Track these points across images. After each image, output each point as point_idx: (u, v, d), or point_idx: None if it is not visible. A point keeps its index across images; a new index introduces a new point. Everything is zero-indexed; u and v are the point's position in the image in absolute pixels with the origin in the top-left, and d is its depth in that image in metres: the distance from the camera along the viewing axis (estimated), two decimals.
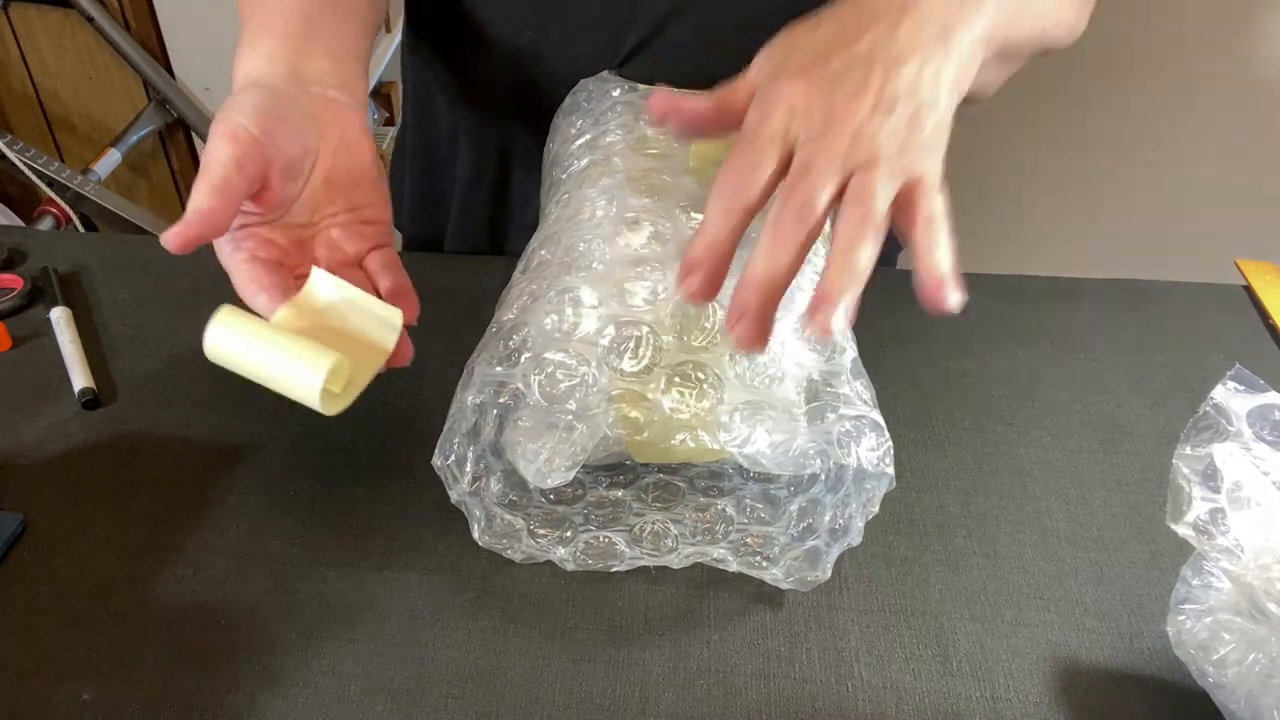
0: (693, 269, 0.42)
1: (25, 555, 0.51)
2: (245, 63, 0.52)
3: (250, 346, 0.45)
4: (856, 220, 0.40)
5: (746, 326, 0.41)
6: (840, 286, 0.40)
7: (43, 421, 0.58)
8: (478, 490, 0.50)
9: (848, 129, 0.40)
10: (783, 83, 0.41)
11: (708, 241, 0.41)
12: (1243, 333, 0.67)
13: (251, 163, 0.46)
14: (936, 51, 0.42)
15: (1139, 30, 1.22)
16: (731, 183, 0.41)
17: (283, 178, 0.48)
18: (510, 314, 0.49)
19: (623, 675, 0.47)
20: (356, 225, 0.52)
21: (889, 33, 0.42)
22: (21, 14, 1.58)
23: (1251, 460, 0.44)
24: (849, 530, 0.47)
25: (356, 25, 0.56)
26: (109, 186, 1.60)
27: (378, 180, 0.53)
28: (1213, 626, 0.43)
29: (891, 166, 0.40)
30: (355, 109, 0.53)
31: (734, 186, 0.41)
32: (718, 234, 0.41)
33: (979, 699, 0.46)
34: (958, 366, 0.64)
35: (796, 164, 0.40)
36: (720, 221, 0.41)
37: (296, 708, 0.45)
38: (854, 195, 0.40)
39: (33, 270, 0.68)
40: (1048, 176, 1.36)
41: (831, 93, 0.41)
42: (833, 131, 0.40)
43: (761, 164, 0.41)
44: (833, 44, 0.42)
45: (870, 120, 0.40)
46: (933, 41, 0.42)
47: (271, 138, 0.46)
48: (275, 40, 0.52)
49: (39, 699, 0.45)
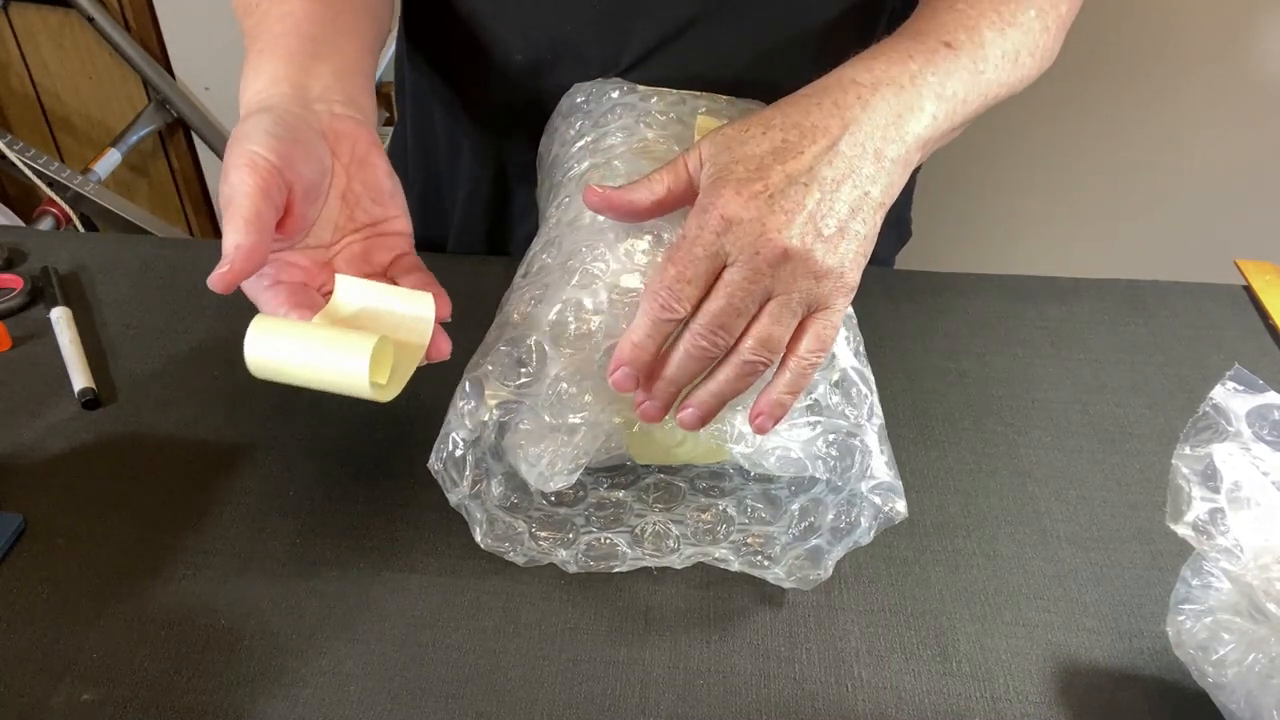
0: (619, 366, 0.45)
1: (25, 555, 0.51)
2: (250, 87, 0.51)
3: (291, 347, 0.44)
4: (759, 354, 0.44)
5: (649, 408, 0.46)
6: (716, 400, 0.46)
7: (43, 421, 0.58)
8: (479, 493, 0.50)
9: (773, 256, 0.43)
10: (723, 194, 0.43)
11: (633, 345, 0.45)
12: (1243, 333, 0.67)
13: (276, 191, 0.45)
14: (871, 172, 0.45)
15: (1139, 30, 1.21)
16: (661, 294, 0.44)
17: (304, 201, 0.47)
18: (512, 319, 0.49)
19: (623, 675, 0.47)
20: (377, 239, 0.51)
21: (828, 151, 0.44)
22: (21, 14, 1.58)
23: (1251, 460, 0.44)
24: (855, 529, 0.47)
25: (360, 44, 0.55)
26: (109, 186, 1.60)
27: (394, 193, 0.52)
28: (1212, 626, 0.43)
29: (804, 295, 0.44)
30: (364, 124, 0.52)
31: (663, 299, 0.44)
32: (643, 341, 0.45)
33: (979, 699, 0.46)
34: (958, 366, 0.64)
35: (723, 283, 0.43)
36: (648, 330, 0.44)
37: (296, 708, 0.45)
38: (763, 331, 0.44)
39: (33, 270, 0.68)
40: (1048, 176, 1.36)
41: (767, 213, 0.43)
42: (761, 256, 0.43)
43: (692, 278, 0.43)
44: (774, 157, 0.44)
45: (799, 247, 0.43)
46: (869, 162, 0.45)
47: (290, 163, 0.46)
48: (278, 62, 0.51)
49: (39, 699, 0.45)
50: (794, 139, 0.44)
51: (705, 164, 0.46)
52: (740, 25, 0.62)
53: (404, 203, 0.52)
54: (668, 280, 0.44)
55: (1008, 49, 0.52)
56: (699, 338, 0.44)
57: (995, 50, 0.51)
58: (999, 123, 1.30)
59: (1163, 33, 1.21)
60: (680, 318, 0.44)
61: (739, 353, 0.45)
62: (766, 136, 0.45)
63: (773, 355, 0.45)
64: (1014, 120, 1.30)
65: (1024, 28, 0.53)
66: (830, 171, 0.44)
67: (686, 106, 0.59)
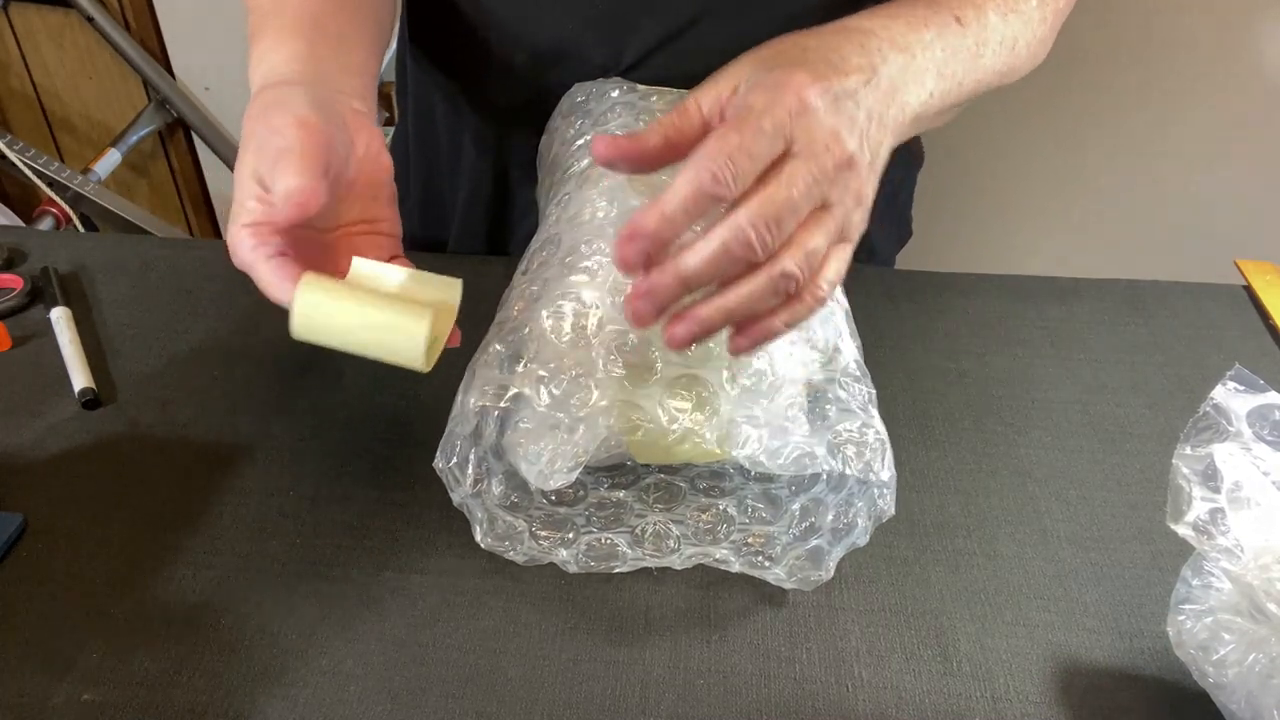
0: (634, 238, 0.38)
1: (25, 555, 0.51)
2: (266, 59, 0.50)
3: (345, 309, 0.43)
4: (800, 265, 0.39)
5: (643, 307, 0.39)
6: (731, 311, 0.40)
7: (43, 421, 0.58)
8: (479, 492, 0.50)
9: (840, 160, 0.39)
10: (797, 75, 0.39)
11: (663, 216, 0.38)
12: (1243, 333, 0.67)
13: (325, 152, 0.45)
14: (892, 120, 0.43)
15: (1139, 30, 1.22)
16: (718, 162, 0.37)
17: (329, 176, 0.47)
18: (512, 315, 0.49)
19: (623, 675, 0.47)
20: (371, 236, 0.52)
21: (868, 84, 0.41)
22: (21, 14, 1.58)
23: (1251, 460, 0.44)
24: (853, 530, 0.47)
25: (370, 46, 0.56)
26: (109, 186, 1.60)
27: (392, 196, 0.52)
28: (1213, 626, 0.43)
29: (845, 215, 0.40)
30: (375, 124, 0.52)
31: (718, 167, 0.37)
32: (675, 214, 0.38)
33: (979, 699, 0.46)
34: (958, 366, 0.64)
35: (786, 173, 0.38)
36: (686, 202, 0.37)
37: (296, 708, 0.45)
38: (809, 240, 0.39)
39: (33, 270, 0.68)
40: (1048, 177, 1.36)
41: (835, 113, 0.39)
42: (830, 154, 0.39)
43: (755, 155, 0.38)
44: (832, 59, 0.41)
45: (858, 161, 0.40)
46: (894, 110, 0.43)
47: (330, 133, 0.46)
48: (300, 42, 0.51)
49: (39, 699, 0.45)
50: (836, 62, 0.41)
51: (744, 83, 0.41)
52: (741, 25, 0.62)
53: (397, 207, 0.53)
54: (728, 149, 0.37)
55: (1007, 35, 0.51)
56: (750, 229, 0.37)
57: (996, 35, 0.50)
58: (999, 122, 1.31)
59: (1163, 33, 1.21)
60: (729, 196, 0.37)
61: (779, 262, 0.38)
62: (808, 54, 0.41)
63: (807, 278, 0.39)
64: (1014, 120, 1.30)
65: (1025, 16, 0.52)
66: (871, 101, 0.41)
67: None
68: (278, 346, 0.64)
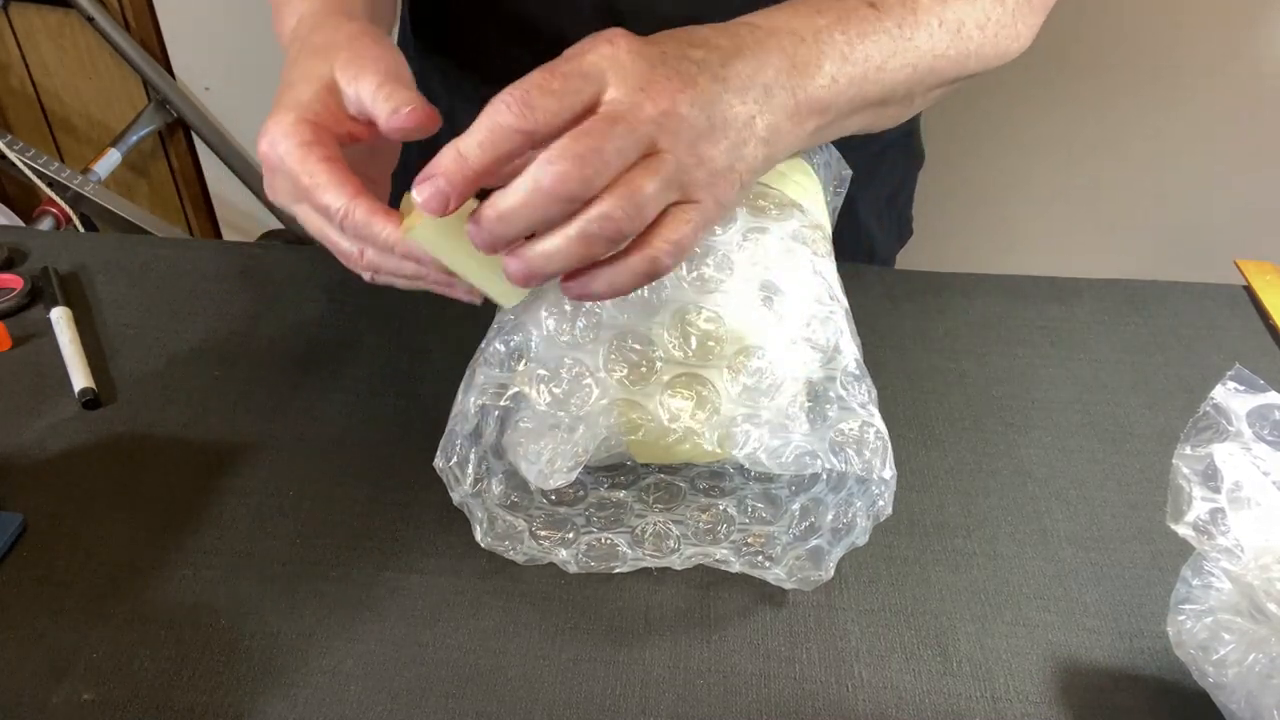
0: (429, 178, 0.37)
1: (25, 555, 0.51)
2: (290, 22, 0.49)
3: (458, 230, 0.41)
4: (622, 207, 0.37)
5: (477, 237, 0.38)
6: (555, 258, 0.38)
7: (43, 421, 0.58)
8: (480, 492, 0.50)
9: (661, 106, 0.37)
10: (617, 32, 0.38)
11: (457, 153, 0.36)
12: (1243, 333, 0.67)
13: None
14: (758, 99, 0.41)
15: (1139, 30, 1.22)
16: (520, 99, 0.35)
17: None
18: (511, 315, 0.49)
19: (623, 675, 0.47)
20: None
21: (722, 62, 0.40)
22: (21, 14, 1.57)
23: (1251, 460, 0.43)
24: (853, 529, 0.47)
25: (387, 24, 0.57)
26: (109, 186, 1.60)
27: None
28: (1213, 626, 0.43)
29: (680, 167, 0.38)
30: None
31: (522, 104, 0.35)
32: (470, 149, 0.36)
33: (979, 699, 0.46)
34: (958, 366, 0.64)
35: (602, 112, 0.37)
36: (481, 136, 0.36)
37: (296, 708, 0.45)
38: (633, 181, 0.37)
39: (33, 270, 0.68)
40: (1048, 176, 1.36)
41: (659, 64, 0.38)
42: (648, 100, 0.37)
43: (566, 93, 0.36)
44: (673, 43, 0.40)
45: (685, 112, 0.38)
46: (757, 90, 0.41)
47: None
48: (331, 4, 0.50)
49: (39, 699, 0.45)
50: (687, 40, 0.40)
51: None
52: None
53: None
54: (536, 88, 0.36)
55: (947, 18, 0.49)
56: (553, 164, 0.35)
57: (931, 18, 0.48)
58: (999, 122, 1.31)
59: (1163, 33, 1.21)
60: (528, 130, 0.36)
61: (599, 205, 0.37)
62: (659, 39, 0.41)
63: (634, 225, 0.38)
64: (1014, 120, 1.30)
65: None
66: (722, 71, 0.40)
67: None
68: (278, 346, 0.64)
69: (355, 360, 0.63)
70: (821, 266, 0.51)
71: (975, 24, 0.51)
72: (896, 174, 0.82)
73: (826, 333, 0.49)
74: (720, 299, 0.47)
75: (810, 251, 0.51)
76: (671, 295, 0.47)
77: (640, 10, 0.62)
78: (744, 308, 0.47)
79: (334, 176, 0.41)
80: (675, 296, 0.47)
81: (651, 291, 0.47)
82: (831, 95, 0.44)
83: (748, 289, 0.48)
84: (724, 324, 0.47)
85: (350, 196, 0.41)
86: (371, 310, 0.67)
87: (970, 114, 1.28)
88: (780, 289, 0.48)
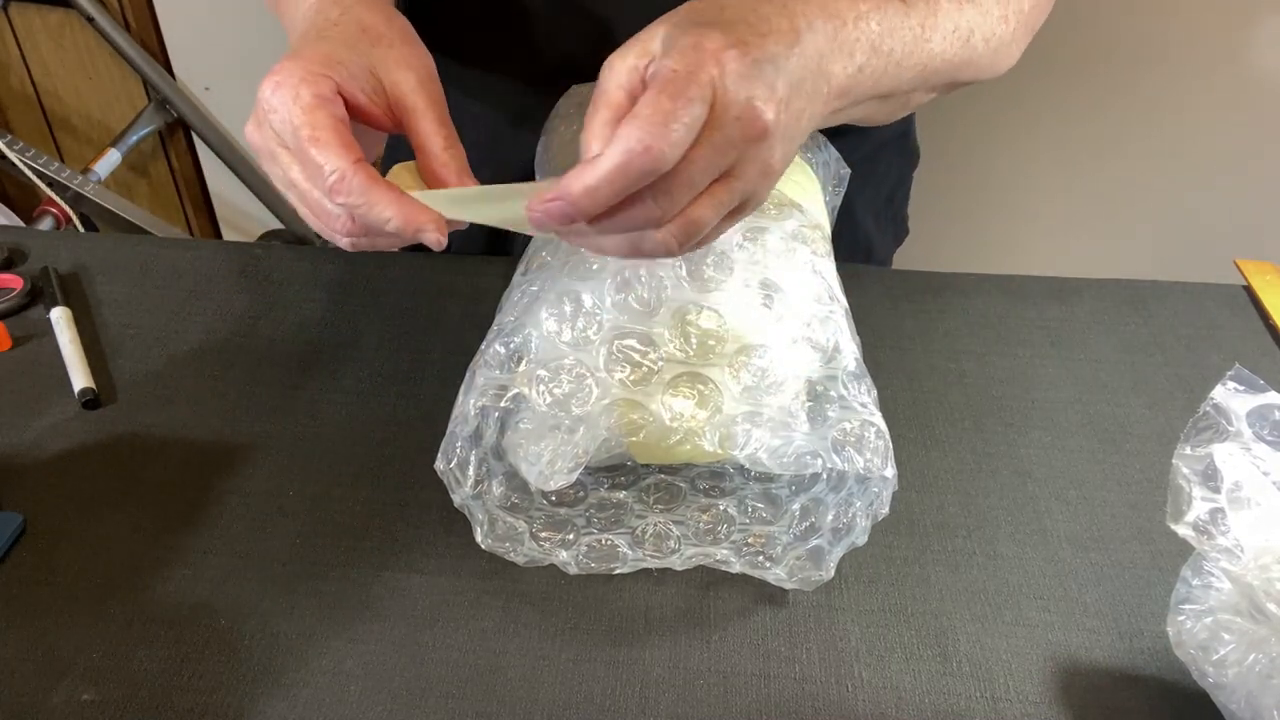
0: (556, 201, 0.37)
1: (25, 555, 0.51)
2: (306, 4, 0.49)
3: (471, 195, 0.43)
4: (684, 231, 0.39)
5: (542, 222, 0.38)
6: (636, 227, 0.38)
7: (43, 421, 0.58)
8: (480, 494, 0.50)
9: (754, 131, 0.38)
10: (712, 34, 0.37)
11: (588, 188, 0.36)
12: (1243, 333, 0.67)
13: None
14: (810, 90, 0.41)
15: (1139, 30, 1.22)
16: (652, 127, 0.35)
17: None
18: (512, 316, 0.49)
19: (623, 675, 0.47)
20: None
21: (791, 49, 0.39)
22: (21, 14, 1.57)
23: (1251, 460, 0.43)
24: (853, 529, 0.47)
25: None
26: (109, 186, 1.60)
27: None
28: (1213, 626, 0.43)
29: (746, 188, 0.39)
30: None
31: (653, 135, 0.35)
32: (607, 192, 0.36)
33: (979, 699, 0.46)
34: (958, 366, 0.64)
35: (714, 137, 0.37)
36: (618, 168, 0.35)
37: (296, 708, 0.45)
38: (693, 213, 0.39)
39: (33, 270, 0.68)
40: (1048, 176, 1.36)
41: (752, 78, 0.37)
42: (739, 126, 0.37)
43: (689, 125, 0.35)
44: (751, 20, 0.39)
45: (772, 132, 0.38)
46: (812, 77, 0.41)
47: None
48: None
49: (39, 699, 0.45)
50: (755, 23, 0.39)
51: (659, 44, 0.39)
52: None
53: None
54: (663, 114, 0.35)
55: (961, 25, 0.50)
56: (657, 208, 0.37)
57: (948, 22, 0.49)
58: (999, 122, 1.31)
59: (1163, 33, 1.21)
60: (667, 164, 0.36)
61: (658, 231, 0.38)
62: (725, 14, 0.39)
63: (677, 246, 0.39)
64: (1014, 120, 1.30)
65: (983, 9, 0.51)
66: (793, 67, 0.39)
67: None
68: (278, 346, 0.64)
69: (355, 360, 0.63)
70: (821, 266, 0.51)
71: (982, 37, 0.52)
72: (892, 174, 0.82)
73: (826, 332, 0.49)
74: (720, 298, 0.47)
75: (810, 251, 0.51)
76: (672, 295, 0.47)
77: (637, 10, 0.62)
78: (744, 307, 0.47)
79: (339, 137, 0.41)
80: (675, 296, 0.47)
81: (651, 291, 0.47)
82: (855, 83, 0.44)
83: (748, 288, 0.48)
84: (724, 323, 0.47)
85: (352, 162, 0.41)
86: (371, 310, 0.67)
87: (970, 114, 1.28)
88: (780, 288, 0.48)
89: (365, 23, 0.46)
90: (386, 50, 0.45)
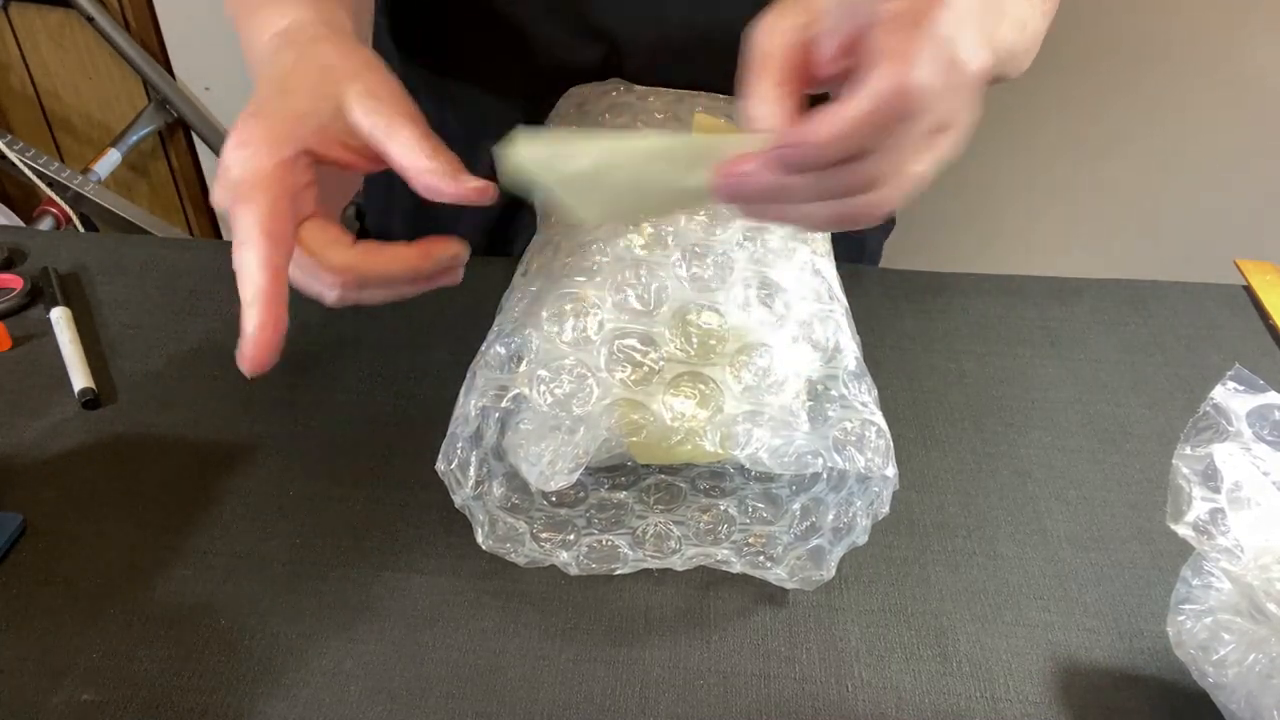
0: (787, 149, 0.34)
1: (25, 555, 0.51)
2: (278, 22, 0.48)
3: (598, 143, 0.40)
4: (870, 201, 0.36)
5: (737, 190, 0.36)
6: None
7: (43, 421, 0.58)
8: (481, 494, 0.50)
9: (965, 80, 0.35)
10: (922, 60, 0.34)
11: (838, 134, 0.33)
12: (1243, 333, 0.67)
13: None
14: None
15: (1139, 29, 1.22)
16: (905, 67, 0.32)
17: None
18: (512, 316, 0.49)
19: (623, 675, 0.47)
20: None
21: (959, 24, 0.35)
22: (21, 14, 1.58)
23: (1251, 460, 0.43)
24: (853, 529, 0.47)
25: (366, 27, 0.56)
26: (109, 186, 1.60)
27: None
28: (1213, 626, 0.43)
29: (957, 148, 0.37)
30: None
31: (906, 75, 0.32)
32: (854, 130, 0.33)
33: (979, 699, 0.46)
34: (958, 366, 0.64)
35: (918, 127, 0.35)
36: (872, 112, 0.33)
37: (296, 708, 0.45)
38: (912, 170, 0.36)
39: (33, 270, 0.68)
40: (1048, 176, 1.36)
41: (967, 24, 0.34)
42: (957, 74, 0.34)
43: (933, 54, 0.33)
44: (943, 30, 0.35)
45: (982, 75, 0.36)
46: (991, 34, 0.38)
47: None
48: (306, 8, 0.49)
49: (39, 699, 0.45)
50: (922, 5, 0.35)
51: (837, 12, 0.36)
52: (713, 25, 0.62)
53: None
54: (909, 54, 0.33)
55: (1020, 15, 0.48)
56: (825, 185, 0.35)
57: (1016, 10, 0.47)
58: (999, 122, 1.31)
59: (1163, 32, 1.21)
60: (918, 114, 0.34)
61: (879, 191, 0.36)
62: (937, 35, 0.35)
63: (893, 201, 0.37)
64: (1014, 120, 1.30)
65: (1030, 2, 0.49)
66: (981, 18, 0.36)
67: (684, 105, 0.59)
68: None
69: (355, 360, 0.63)
70: (821, 265, 0.51)
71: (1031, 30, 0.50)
72: None
73: (827, 331, 0.49)
74: (720, 297, 0.47)
75: (810, 250, 0.51)
76: (672, 294, 0.47)
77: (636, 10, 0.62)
78: (745, 306, 0.47)
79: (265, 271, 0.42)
80: (676, 295, 0.47)
81: (652, 291, 0.47)
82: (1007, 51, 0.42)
83: (748, 288, 0.48)
84: (725, 322, 0.47)
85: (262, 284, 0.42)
86: (371, 310, 0.66)
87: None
88: (781, 287, 0.48)
89: (324, 62, 0.45)
90: (349, 85, 0.44)
